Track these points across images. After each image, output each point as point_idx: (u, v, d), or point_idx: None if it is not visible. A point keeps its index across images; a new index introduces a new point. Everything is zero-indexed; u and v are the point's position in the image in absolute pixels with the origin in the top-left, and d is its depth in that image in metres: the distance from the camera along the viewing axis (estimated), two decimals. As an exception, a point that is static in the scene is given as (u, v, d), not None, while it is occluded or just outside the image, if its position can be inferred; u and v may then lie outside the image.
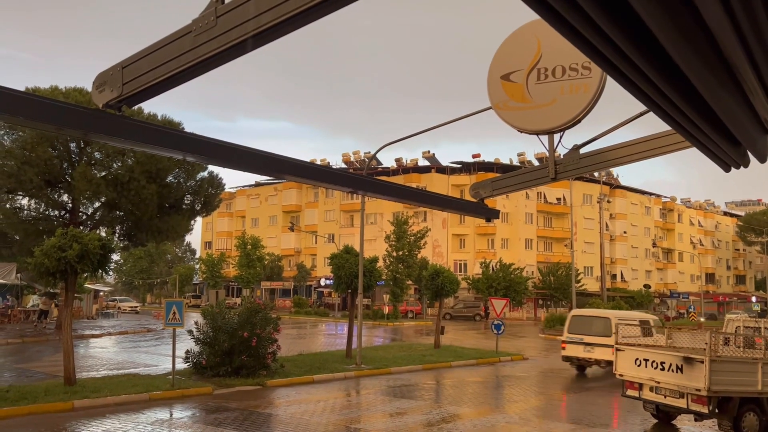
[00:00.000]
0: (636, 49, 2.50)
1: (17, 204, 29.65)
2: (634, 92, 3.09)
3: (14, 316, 33.48)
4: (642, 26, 2.31)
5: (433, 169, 67.81)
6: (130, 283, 79.65)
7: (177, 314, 14.20)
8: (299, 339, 29.51)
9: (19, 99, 2.77)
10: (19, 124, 3.29)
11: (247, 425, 10.70)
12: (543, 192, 67.91)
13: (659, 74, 2.75)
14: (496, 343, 23.53)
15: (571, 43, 2.48)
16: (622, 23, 2.33)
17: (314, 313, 53.83)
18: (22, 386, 13.37)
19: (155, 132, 3.28)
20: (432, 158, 69.23)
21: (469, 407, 13.34)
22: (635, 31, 2.39)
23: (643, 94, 3.04)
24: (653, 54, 2.56)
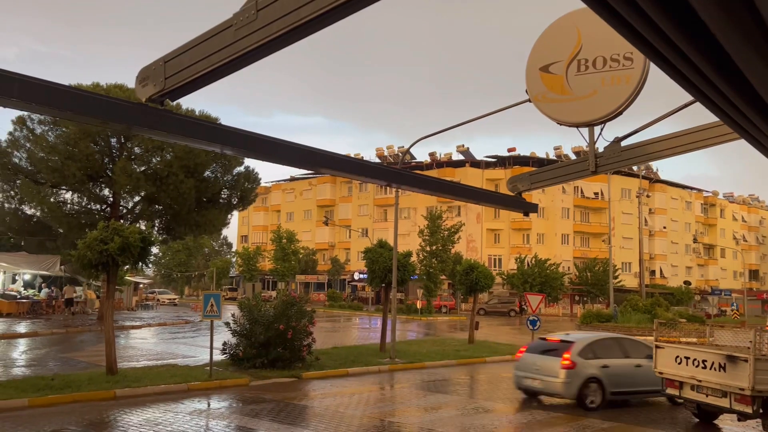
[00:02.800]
0: (684, 37, 2.43)
1: (61, 198, 30.50)
2: (680, 82, 3.00)
3: (58, 307, 34.50)
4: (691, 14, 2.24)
5: (468, 164, 67.37)
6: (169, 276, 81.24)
7: (215, 306, 14.43)
8: (333, 332, 29.72)
9: (68, 94, 2.84)
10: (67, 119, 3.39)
11: (283, 417, 10.82)
12: (580, 186, 66.87)
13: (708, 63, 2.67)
14: (532, 339, 23.26)
15: (617, 32, 2.42)
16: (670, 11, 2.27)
17: (348, 306, 54.14)
18: (66, 375, 13.78)
19: (196, 126, 3.33)
20: (466, 152, 68.78)
21: (504, 403, 13.24)
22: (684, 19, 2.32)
23: (691, 84, 2.96)
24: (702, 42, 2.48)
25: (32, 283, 39.11)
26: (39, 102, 2.72)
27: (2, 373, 14.66)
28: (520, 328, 35.81)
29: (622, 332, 32.68)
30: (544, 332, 31.72)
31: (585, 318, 38.53)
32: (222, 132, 3.58)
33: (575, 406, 12.35)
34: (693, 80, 2.82)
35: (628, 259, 66.63)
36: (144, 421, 10.22)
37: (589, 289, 57.54)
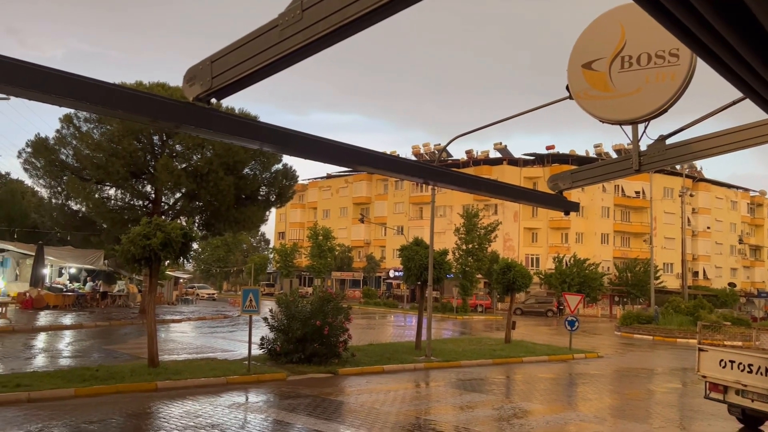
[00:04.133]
0: (733, 31, 2.38)
1: (105, 194, 31.36)
2: (729, 78, 2.93)
3: (102, 300, 35.48)
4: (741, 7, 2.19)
5: (505, 161, 66.75)
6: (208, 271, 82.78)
7: (253, 301, 14.64)
8: (369, 329, 29.84)
9: (120, 94, 2.93)
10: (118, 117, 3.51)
11: (320, 412, 10.93)
12: (621, 185, 65.62)
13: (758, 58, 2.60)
14: (570, 340, 22.99)
15: (664, 27, 2.38)
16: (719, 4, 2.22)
17: (383, 304, 54.27)
18: (110, 366, 14.17)
19: (240, 124, 3.40)
20: (504, 150, 68.16)
21: (540, 403, 13.11)
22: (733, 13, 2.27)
23: (739, 79, 2.89)
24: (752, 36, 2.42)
25: (77, 277, 40.33)
26: (93, 101, 2.82)
27: (50, 364, 15.17)
28: (557, 329, 35.37)
29: (663, 334, 31.99)
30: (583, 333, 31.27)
31: (625, 319, 37.82)
32: (264, 130, 3.64)
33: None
34: (742, 76, 2.75)
35: (670, 259, 65.12)
36: (184, 413, 10.45)
37: (630, 289, 56.45)
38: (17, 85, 2.62)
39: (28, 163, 30.39)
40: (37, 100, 2.80)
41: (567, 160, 62.10)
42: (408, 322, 36.45)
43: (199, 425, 9.57)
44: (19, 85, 2.62)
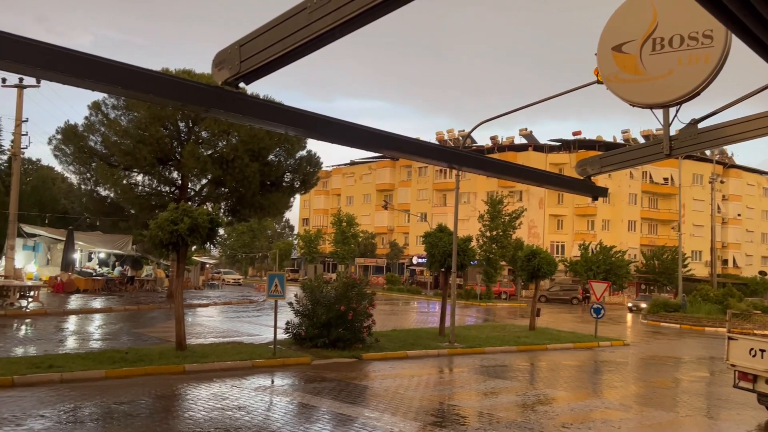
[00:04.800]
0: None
1: (133, 180, 31.80)
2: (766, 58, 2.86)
3: (130, 284, 36.14)
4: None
5: (530, 147, 66.06)
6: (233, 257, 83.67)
7: (278, 286, 14.79)
8: (392, 315, 29.95)
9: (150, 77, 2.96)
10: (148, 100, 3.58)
11: (344, 396, 11.03)
12: (649, 171, 64.59)
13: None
14: (595, 328, 22.82)
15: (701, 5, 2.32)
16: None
17: (406, 290, 54.37)
18: (139, 349, 14.46)
19: (268, 108, 3.41)
20: (529, 136, 67.46)
21: (565, 390, 13.06)
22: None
23: (779, 61, 2.81)
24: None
25: (106, 262, 41.10)
26: (125, 85, 2.85)
27: (81, 346, 15.53)
28: (582, 317, 35.11)
29: (691, 323, 31.56)
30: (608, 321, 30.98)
31: (652, 307, 37.37)
32: (291, 114, 3.65)
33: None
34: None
35: (698, 247, 64.06)
36: (211, 395, 10.63)
37: (657, 277, 55.70)
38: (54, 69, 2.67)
39: (58, 150, 30.93)
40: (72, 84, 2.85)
41: (594, 146, 61.23)
42: (431, 308, 36.50)
43: (226, 407, 9.73)
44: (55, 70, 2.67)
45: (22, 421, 8.36)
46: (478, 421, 9.82)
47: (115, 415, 8.98)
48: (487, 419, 9.89)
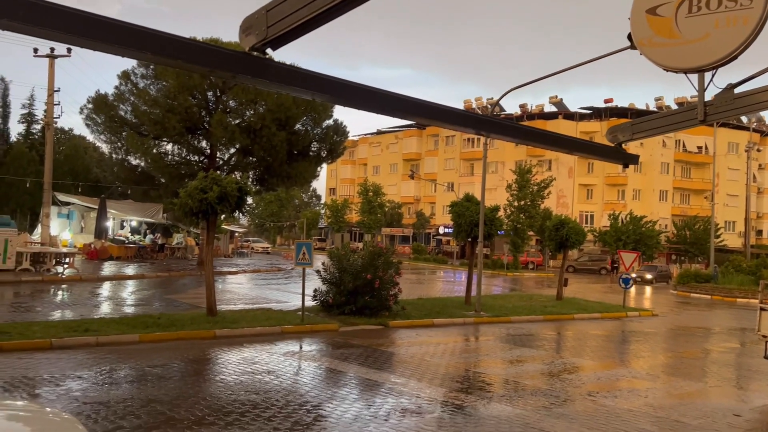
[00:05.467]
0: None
1: (162, 149, 32.21)
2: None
3: (161, 252, 36.87)
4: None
5: (560, 115, 64.94)
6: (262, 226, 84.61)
7: (306, 254, 14.95)
8: (418, 284, 30.10)
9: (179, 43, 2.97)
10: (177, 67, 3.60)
11: (371, 362, 11.19)
12: (682, 140, 63.11)
13: None
14: (624, 298, 22.64)
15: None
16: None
17: (433, 260, 54.50)
18: (170, 314, 14.82)
19: (295, 73, 3.41)
20: (559, 104, 66.26)
21: (592, 360, 13.05)
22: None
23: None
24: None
25: (138, 230, 41.94)
26: (155, 51, 2.87)
27: (115, 311, 15.97)
28: (611, 287, 34.85)
29: (722, 294, 31.11)
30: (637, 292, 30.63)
31: (682, 278, 36.91)
32: (317, 79, 3.64)
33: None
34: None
35: (732, 217, 62.73)
36: (242, 360, 10.88)
37: (688, 248, 54.84)
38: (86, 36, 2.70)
39: (89, 119, 31.40)
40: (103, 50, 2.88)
41: (626, 114, 59.92)
42: (457, 278, 36.57)
43: (256, 371, 9.95)
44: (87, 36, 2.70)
45: (60, 381, 8.68)
46: (504, 388, 9.90)
47: (148, 377, 9.26)
48: (513, 386, 9.96)
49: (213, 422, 7.18)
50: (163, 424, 7.02)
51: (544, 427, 7.69)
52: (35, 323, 12.77)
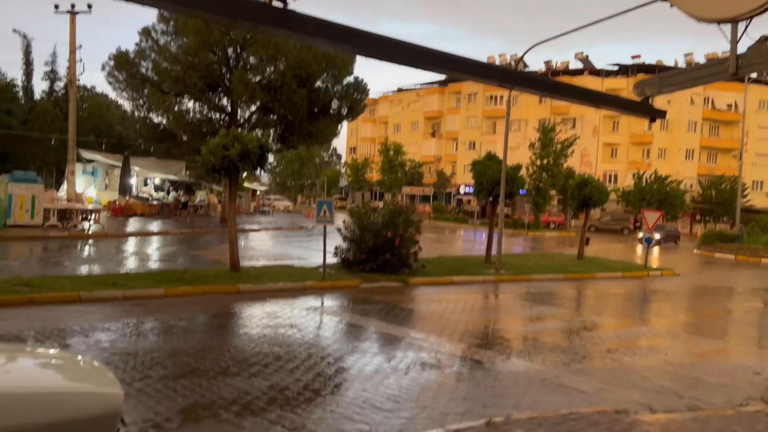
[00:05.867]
0: None
1: (184, 107, 32.27)
2: None
3: (184, 209, 37.34)
4: None
5: (586, 72, 63.51)
6: (283, 184, 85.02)
7: (327, 212, 15.03)
8: (438, 243, 30.18)
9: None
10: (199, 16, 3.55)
11: (391, 317, 11.33)
12: (711, 97, 61.47)
13: None
14: (645, 257, 22.48)
15: None
16: None
17: (453, 219, 54.44)
18: (195, 270, 15.08)
19: (316, 24, 3.36)
20: (585, 60, 64.72)
21: (612, 318, 13.07)
22: None
23: None
24: None
25: (161, 187, 42.43)
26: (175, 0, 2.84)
27: (140, 266, 16.31)
28: (633, 247, 34.61)
29: (747, 254, 30.72)
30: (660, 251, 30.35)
31: (705, 238, 36.44)
32: (340, 30, 3.58)
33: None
34: None
35: (760, 177, 61.43)
36: (265, 314, 11.09)
37: (713, 208, 53.99)
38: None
39: (111, 76, 31.49)
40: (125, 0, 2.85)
41: (653, 71, 58.34)
42: (478, 237, 36.55)
43: (279, 325, 10.15)
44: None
45: (89, 333, 8.95)
46: (522, 344, 9.98)
47: (174, 330, 9.50)
48: (532, 343, 10.04)
49: (237, 373, 7.37)
50: (189, 374, 7.23)
51: (563, 383, 7.77)
52: (64, 277, 13.11)
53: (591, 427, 5.82)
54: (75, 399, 3.85)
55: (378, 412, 6.28)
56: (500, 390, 7.35)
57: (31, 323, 9.28)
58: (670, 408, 6.91)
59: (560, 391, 7.40)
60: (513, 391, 7.32)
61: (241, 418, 5.93)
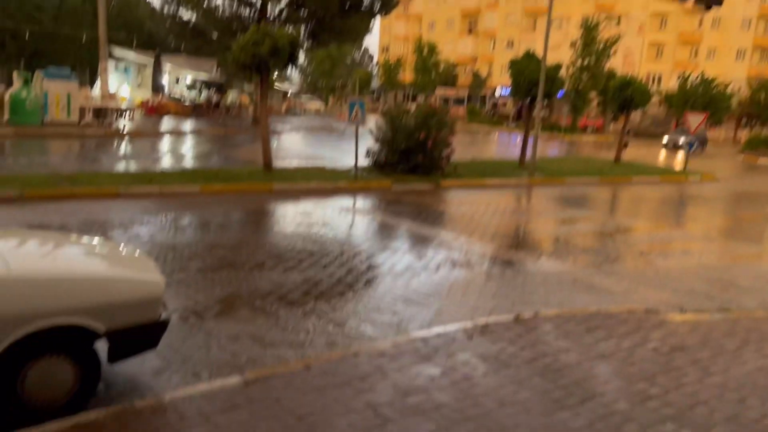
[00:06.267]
0: None
1: (213, 3, 31.39)
2: None
3: (216, 109, 37.30)
4: None
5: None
6: (314, 85, 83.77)
7: (359, 113, 14.81)
8: (472, 146, 29.77)
9: None
10: None
11: (422, 218, 11.38)
12: (770, -9, 57.21)
13: None
14: (685, 161, 21.88)
15: None
16: None
17: (487, 122, 53.37)
18: (229, 169, 15.25)
19: None
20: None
21: (646, 221, 12.92)
22: None
23: None
24: None
25: (193, 86, 42.26)
26: None
27: (176, 164, 16.53)
28: (673, 151, 33.67)
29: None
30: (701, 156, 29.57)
31: (750, 143, 35.21)
32: None
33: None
34: None
35: (816, 79, 58.14)
36: (298, 213, 11.24)
37: (761, 112, 51.68)
38: None
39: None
40: None
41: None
42: (513, 140, 35.93)
43: (312, 223, 10.30)
44: None
45: (129, 226, 9.22)
46: (554, 246, 9.98)
47: (210, 226, 9.73)
48: (563, 245, 10.03)
49: (273, 267, 7.56)
50: (226, 267, 7.45)
51: (593, 283, 7.80)
52: (102, 173, 13.40)
53: (619, 324, 5.88)
54: (119, 284, 4.01)
55: (408, 306, 6.44)
56: (529, 289, 7.43)
57: (73, 216, 9.59)
58: (701, 309, 6.92)
59: (590, 291, 7.45)
60: (542, 290, 7.39)
61: (276, 307, 6.14)
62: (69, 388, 3.76)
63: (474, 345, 5.13)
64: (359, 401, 4.02)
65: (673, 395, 4.44)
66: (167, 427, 3.57)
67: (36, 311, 3.55)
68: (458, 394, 4.20)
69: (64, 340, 3.74)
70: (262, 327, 5.62)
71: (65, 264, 4.24)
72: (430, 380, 4.41)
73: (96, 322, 3.78)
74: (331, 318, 5.97)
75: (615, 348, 5.28)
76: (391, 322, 5.95)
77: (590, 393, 4.37)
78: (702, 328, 6.00)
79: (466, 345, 5.12)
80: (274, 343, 5.27)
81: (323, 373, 4.43)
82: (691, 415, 4.15)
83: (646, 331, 5.77)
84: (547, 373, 4.65)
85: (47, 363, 3.67)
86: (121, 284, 4.01)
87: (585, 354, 5.09)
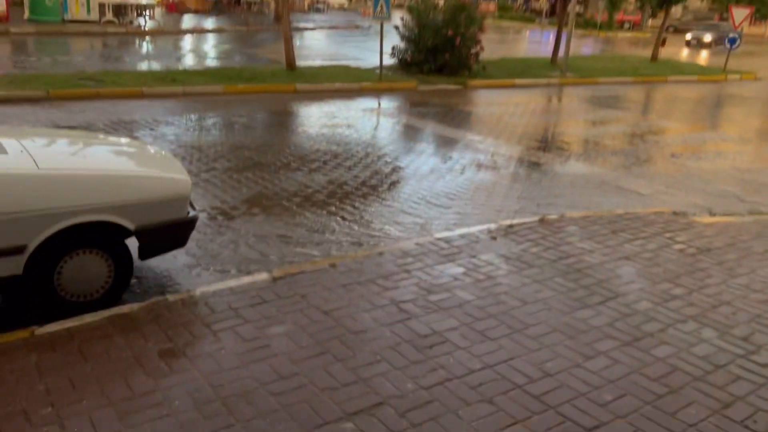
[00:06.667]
0: None
1: None
2: None
3: (237, 5, 36.17)
4: None
5: None
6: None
7: (384, 7, 14.22)
8: (502, 44, 28.63)
9: None
10: None
11: (448, 120, 11.17)
12: None
13: None
14: (726, 59, 20.85)
15: None
16: None
17: (519, 18, 51.05)
18: (252, 68, 14.97)
19: None
20: None
21: (680, 122, 12.52)
22: None
23: None
24: None
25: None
26: None
27: (199, 63, 16.27)
28: (714, 49, 32.02)
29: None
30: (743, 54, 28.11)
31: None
32: None
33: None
34: None
35: None
36: (322, 114, 11.11)
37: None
38: None
39: None
40: None
41: None
42: (545, 38, 34.41)
43: (336, 125, 10.19)
44: None
45: (154, 126, 9.22)
46: (583, 147, 9.78)
47: (235, 126, 9.69)
48: (593, 146, 9.82)
49: (298, 168, 7.57)
50: (252, 167, 7.48)
51: (622, 185, 7.68)
52: (126, 73, 13.28)
53: (646, 226, 5.83)
54: (147, 182, 4.05)
55: (433, 208, 6.44)
56: (556, 191, 7.35)
57: (99, 116, 9.60)
58: (730, 212, 6.81)
59: (618, 193, 7.35)
60: (569, 192, 7.31)
61: (302, 208, 6.19)
62: (103, 283, 3.90)
63: (497, 246, 5.16)
64: (383, 298, 4.11)
65: (696, 296, 4.45)
66: (198, 320, 3.71)
67: (66, 208, 3.62)
68: (480, 293, 4.27)
69: (96, 237, 3.84)
70: (288, 226, 5.70)
71: (93, 162, 4.28)
72: (453, 279, 4.47)
73: (125, 219, 3.86)
74: (356, 219, 6.01)
75: (640, 249, 5.26)
76: (416, 224, 5.98)
77: (613, 293, 4.40)
78: (730, 231, 5.92)
79: (489, 246, 5.14)
80: (300, 242, 5.36)
81: (349, 270, 4.52)
82: (714, 314, 4.18)
83: (673, 233, 5.72)
84: (570, 273, 4.68)
85: (81, 258, 3.79)
86: (149, 183, 4.05)
87: (609, 255, 5.09)
